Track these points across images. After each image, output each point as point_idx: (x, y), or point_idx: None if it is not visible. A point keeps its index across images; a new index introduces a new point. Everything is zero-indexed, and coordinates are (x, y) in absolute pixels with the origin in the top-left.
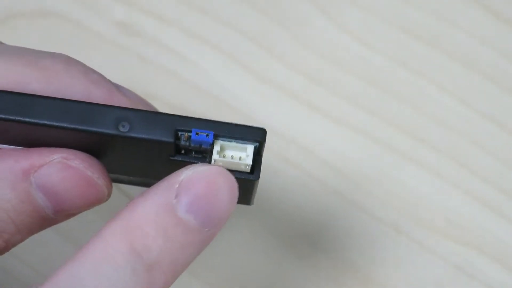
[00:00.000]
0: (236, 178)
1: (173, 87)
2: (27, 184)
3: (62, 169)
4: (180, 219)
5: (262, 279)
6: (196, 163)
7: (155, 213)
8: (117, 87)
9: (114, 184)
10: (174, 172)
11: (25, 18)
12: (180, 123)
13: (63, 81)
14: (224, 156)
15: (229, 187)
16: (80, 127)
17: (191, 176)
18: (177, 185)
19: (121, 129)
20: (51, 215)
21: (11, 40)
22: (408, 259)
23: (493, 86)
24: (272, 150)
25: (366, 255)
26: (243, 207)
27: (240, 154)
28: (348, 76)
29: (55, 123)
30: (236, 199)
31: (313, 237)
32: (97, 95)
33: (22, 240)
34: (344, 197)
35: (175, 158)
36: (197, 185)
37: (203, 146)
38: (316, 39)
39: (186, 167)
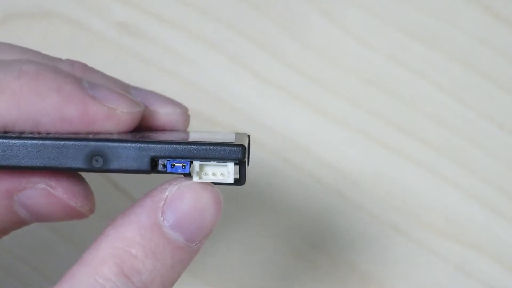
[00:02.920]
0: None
1: (173, 87)
2: (10, 201)
3: (45, 195)
4: (168, 238)
5: (261, 278)
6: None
7: (142, 235)
8: (93, 93)
9: (114, 184)
10: (158, 188)
11: (25, 18)
12: (155, 151)
13: (33, 105)
14: (205, 174)
15: (215, 202)
16: (53, 165)
17: (175, 193)
18: (162, 203)
19: (95, 164)
20: (31, 222)
21: (11, 40)
22: (408, 258)
23: (493, 86)
24: (272, 150)
25: (365, 255)
26: (241, 208)
27: (221, 171)
28: (348, 76)
29: (27, 165)
30: (221, 212)
31: (312, 236)
32: (71, 114)
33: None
34: (344, 197)
35: (157, 173)
36: (183, 202)
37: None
38: (316, 39)
39: (170, 182)
